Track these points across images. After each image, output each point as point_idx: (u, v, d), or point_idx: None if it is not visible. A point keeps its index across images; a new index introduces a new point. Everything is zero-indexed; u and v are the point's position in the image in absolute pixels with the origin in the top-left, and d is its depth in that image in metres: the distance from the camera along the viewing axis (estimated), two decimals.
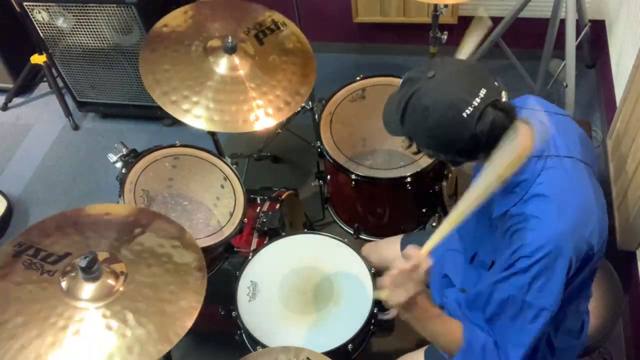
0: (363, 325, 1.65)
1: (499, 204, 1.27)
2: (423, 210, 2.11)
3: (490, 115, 1.14)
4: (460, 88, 1.15)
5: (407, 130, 1.25)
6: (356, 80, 2.15)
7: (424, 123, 1.18)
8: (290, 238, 1.89)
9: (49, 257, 1.39)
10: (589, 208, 1.21)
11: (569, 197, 1.19)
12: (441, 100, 1.16)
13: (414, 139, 1.26)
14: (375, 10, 3.10)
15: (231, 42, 1.87)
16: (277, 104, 1.88)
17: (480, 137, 1.15)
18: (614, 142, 2.32)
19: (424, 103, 1.17)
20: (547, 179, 1.20)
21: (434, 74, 1.17)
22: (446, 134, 1.17)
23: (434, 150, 1.24)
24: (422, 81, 1.18)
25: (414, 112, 1.19)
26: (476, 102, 1.13)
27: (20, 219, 2.82)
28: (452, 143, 1.19)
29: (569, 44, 2.45)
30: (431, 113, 1.16)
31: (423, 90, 1.18)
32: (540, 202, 1.18)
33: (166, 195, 1.95)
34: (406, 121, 1.22)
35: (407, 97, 1.19)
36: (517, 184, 1.22)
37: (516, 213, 1.22)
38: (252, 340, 1.66)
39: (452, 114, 1.14)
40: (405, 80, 1.23)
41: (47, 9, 2.64)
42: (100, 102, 3.08)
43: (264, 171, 2.80)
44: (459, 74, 1.18)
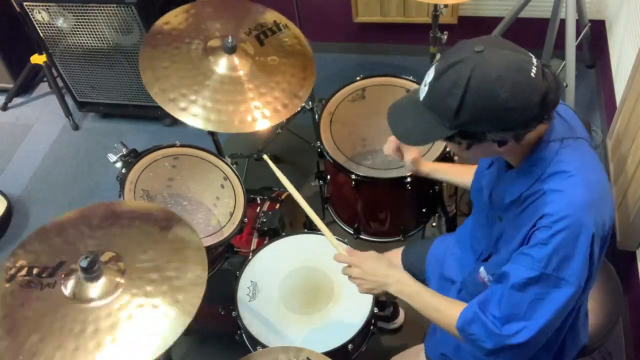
0: (363, 325, 1.65)
1: (512, 189, 1.24)
2: (423, 210, 2.11)
3: (548, 71, 1.09)
4: (515, 51, 1.08)
5: (468, 118, 1.08)
6: (356, 80, 2.15)
7: (498, 96, 1.04)
8: (290, 238, 1.89)
9: (44, 271, 1.38)
10: (605, 187, 1.19)
11: (588, 173, 1.16)
12: (509, 66, 1.05)
13: (474, 126, 1.10)
14: (375, 10, 3.10)
15: (231, 42, 1.87)
16: (274, 105, 1.87)
17: (549, 96, 1.07)
18: (614, 142, 2.32)
19: (492, 74, 1.04)
20: (566, 156, 1.17)
21: (482, 48, 1.07)
22: (522, 101, 1.05)
23: (503, 128, 1.09)
24: (473, 58, 1.06)
25: (481, 89, 1.05)
26: (534, 61, 1.08)
27: (20, 219, 2.82)
28: (526, 111, 1.07)
29: (569, 44, 2.45)
30: (505, 81, 1.04)
31: (483, 64, 1.05)
32: (560, 177, 1.15)
33: (166, 195, 1.95)
34: (467, 107, 1.06)
35: (465, 79, 1.05)
36: (534, 163, 1.18)
37: (533, 191, 1.18)
38: (252, 340, 1.66)
39: (524, 77, 1.05)
40: (446, 68, 1.08)
41: (47, 9, 2.64)
42: (100, 102, 3.08)
43: (264, 171, 2.79)
44: (501, 43, 1.11)
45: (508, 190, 1.26)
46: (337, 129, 2.07)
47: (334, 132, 2.06)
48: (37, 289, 1.35)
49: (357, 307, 1.70)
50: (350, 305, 1.71)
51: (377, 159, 1.97)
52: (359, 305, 1.70)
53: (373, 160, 1.97)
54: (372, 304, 1.69)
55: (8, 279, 1.36)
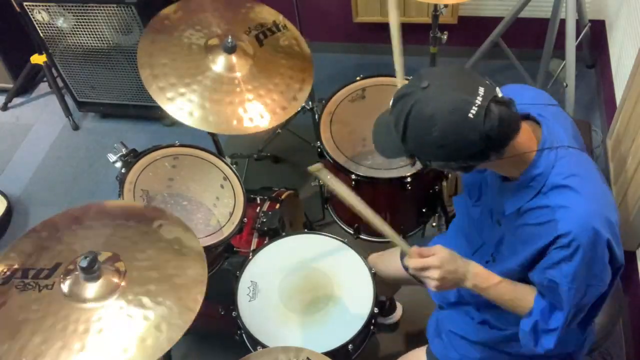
0: (363, 325, 1.64)
1: (511, 202, 1.27)
2: (423, 210, 2.11)
3: (495, 110, 1.10)
4: (459, 90, 1.12)
5: (411, 147, 1.18)
6: (356, 80, 2.15)
7: (430, 134, 1.12)
8: (290, 238, 1.89)
9: (40, 272, 1.37)
10: (605, 192, 1.22)
11: (589, 184, 1.20)
12: (444, 106, 1.10)
13: (420, 155, 1.20)
14: (375, 10, 3.10)
15: (231, 42, 1.87)
16: (273, 107, 1.87)
17: (490, 135, 1.10)
18: (614, 142, 2.32)
19: (426, 113, 1.11)
20: (563, 168, 1.19)
21: (427, 83, 1.13)
22: (456, 139, 1.11)
23: (443, 160, 1.18)
24: (417, 94, 1.13)
25: (416, 125, 1.13)
26: (478, 101, 1.10)
27: (20, 219, 2.82)
28: (463, 148, 1.13)
29: (569, 44, 2.45)
30: (437, 121, 1.10)
31: (422, 101, 1.12)
32: (563, 192, 1.18)
33: (166, 195, 1.95)
34: (409, 138, 1.16)
35: (406, 113, 1.13)
36: (532, 178, 1.21)
37: (537, 206, 1.21)
38: (252, 340, 1.66)
39: (458, 117, 1.10)
40: (398, 98, 1.17)
41: (47, 9, 2.64)
42: (100, 102, 3.08)
43: (264, 171, 2.80)
44: (452, 78, 1.15)
45: (506, 202, 1.29)
46: (337, 129, 2.07)
47: (334, 132, 2.06)
48: (35, 290, 1.34)
49: (357, 307, 1.69)
50: (350, 305, 1.71)
51: (377, 159, 1.97)
52: (359, 305, 1.70)
53: (373, 160, 1.97)
54: (372, 304, 1.69)
55: (2, 282, 1.35)
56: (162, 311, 1.31)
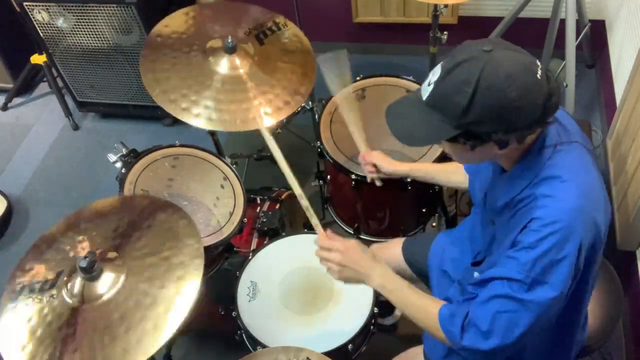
0: (363, 325, 1.64)
1: (504, 193, 1.24)
2: (423, 210, 2.11)
3: (550, 75, 1.10)
4: (522, 53, 1.10)
5: (475, 117, 1.07)
6: (356, 80, 2.15)
7: (507, 95, 1.05)
8: (290, 238, 1.89)
9: (45, 284, 1.39)
10: (598, 191, 1.19)
11: (581, 178, 1.16)
12: (517, 66, 1.06)
13: (481, 126, 1.09)
14: (375, 10, 3.10)
15: (231, 42, 1.87)
16: (276, 103, 1.88)
17: (552, 97, 1.09)
18: (614, 142, 2.32)
19: (502, 72, 1.05)
20: (558, 161, 1.17)
21: (491, 47, 1.07)
22: (529, 101, 1.06)
23: (507, 128, 1.09)
24: (483, 57, 1.07)
25: (490, 88, 1.05)
26: (539, 63, 1.09)
27: (20, 219, 2.82)
28: (531, 111, 1.07)
29: (569, 44, 2.45)
30: (514, 81, 1.05)
31: (493, 62, 1.06)
32: (552, 182, 1.15)
33: (166, 195, 1.95)
34: (478, 104, 1.06)
35: (475, 77, 1.05)
36: (527, 167, 1.19)
37: (525, 196, 1.18)
38: (252, 340, 1.66)
39: (531, 77, 1.06)
40: (453, 67, 1.08)
41: (47, 9, 2.64)
42: (100, 102, 3.08)
43: (264, 171, 2.80)
44: (507, 44, 1.12)
45: (501, 194, 1.26)
46: (337, 129, 2.07)
47: (334, 132, 2.06)
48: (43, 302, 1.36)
49: (357, 307, 1.70)
50: (350, 305, 1.71)
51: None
52: (359, 305, 1.70)
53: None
54: (372, 304, 1.69)
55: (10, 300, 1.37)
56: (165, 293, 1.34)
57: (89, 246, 1.45)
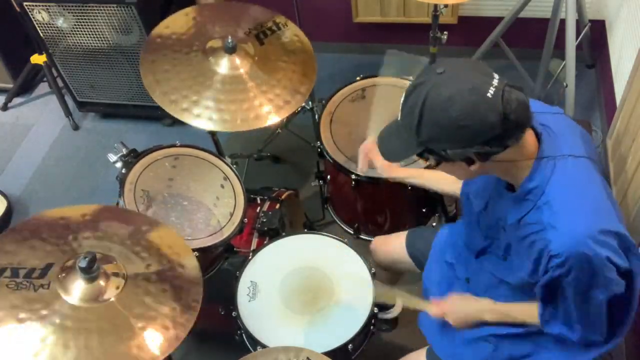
0: (363, 325, 1.65)
1: (512, 212, 1.29)
2: (423, 210, 2.11)
3: (512, 93, 1.10)
4: (475, 73, 1.12)
5: (427, 135, 1.14)
6: (356, 80, 2.15)
7: (449, 115, 1.09)
8: (290, 238, 1.89)
9: (32, 272, 1.36)
10: (602, 202, 1.22)
11: (581, 200, 1.20)
12: (462, 86, 1.10)
13: (435, 144, 1.16)
14: (375, 10, 3.10)
15: (231, 42, 1.87)
16: (277, 102, 1.88)
17: (509, 117, 1.09)
18: (614, 142, 2.32)
19: (444, 95, 1.10)
20: (557, 183, 1.21)
21: (443, 69, 1.12)
22: (475, 120, 1.09)
23: (461, 147, 1.14)
24: (432, 80, 1.12)
25: (434, 108, 1.11)
26: (495, 82, 1.10)
27: (20, 219, 2.81)
28: (482, 130, 1.10)
29: (569, 44, 2.45)
30: (456, 101, 1.09)
31: (439, 84, 1.11)
32: (553, 210, 1.20)
33: (166, 195, 1.95)
34: (425, 125, 1.13)
35: (422, 98, 1.12)
36: (529, 191, 1.23)
37: (532, 221, 1.24)
38: (252, 340, 1.66)
39: (477, 97, 1.09)
40: (411, 90, 1.16)
41: (47, 9, 2.64)
42: (100, 102, 3.08)
43: (264, 171, 2.80)
44: (466, 64, 1.15)
45: (507, 213, 1.31)
46: (337, 129, 2.07)
47: (334, 132, 2.06)
48: (30, 290, 1.34)
49: (357, 307, 1.69)
50: (350, 305, 1.71)
51: None
52: (359, 305, 1.70)
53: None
54: (372, 304, 1.69)
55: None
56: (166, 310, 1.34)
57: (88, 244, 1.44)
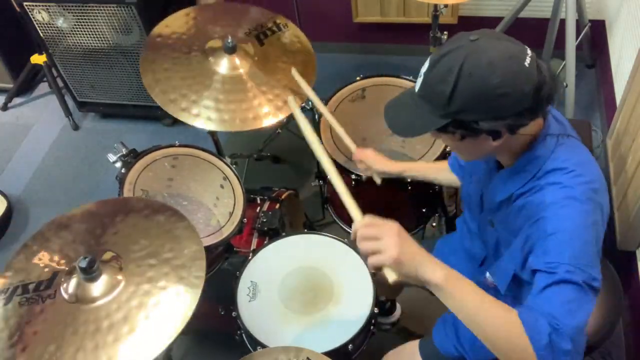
0: (363, 325, 1.64)
1: (503, 187, 1.24)
2: (423, 210, 2.10)
3: (544, 65, 1.09)
4: (510, 41, 1.09)
5: (461, 104, 1.07)
6: (356, 80, 2.15)
7: (489, 82, 1.04)
8: (290, 238, 1.89)
9: (40, 285, 1.37)
10: (603, 182, 1.19)
11: (586, 168, 1.16)
12: (502, 54, 1.06)
13: (467, 115, 1.09)
14: (375, 10, 3.10)
15: (231, 42, 1.87)
16: (276, 103, 1.88)
17: (543, 88, 1.07)
18: (614, 142, 2.32)
19: (484, 60, 1.05)
20: (563, 154, 1.17)
21: (477, 37, 1.08)
22: (514, 88, 1.05)
23: (493, 117, 1.08)
24: (467, 46, 1.07)
25: (472, 75, 1.05)
26: (529, 52, 1.08)
27: (20, 219, 2.82)
28: (519, 99, 1.06)
29: (569, 44, 2.45)
30: (496, 67, 1.04)
31: (476, 51, 1.06)
32: (557, 173, 1.14)
33: (166, 195, 1.95)
34: (460, 93, 1.06)
35: (458, 65, 1.05)
36: (529, 161, 1.18)
37: (528, 189, 1.17)
38: (252, 340, 1.66)
39: (516, 65, 1.06)
40: (442, 55, 1.09)
41: (47, 9, 2.64)
42: (100, 102, 3.08)
43: (264, 171, 2.80)
44: (496, 34, 1.12)
45: (499, 190, 1.25)
46: None
47: (334, 132, 2.06)
48: (39, 303, 1.34)
49: (357, 307, 1.69)
50: (350, 305, 1.71)
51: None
52: (359, 305, 1.70)
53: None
54: (372, 304, 1.69)
55: (5, 301, 1.35)
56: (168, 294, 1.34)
57: (84, 249, 1.44)
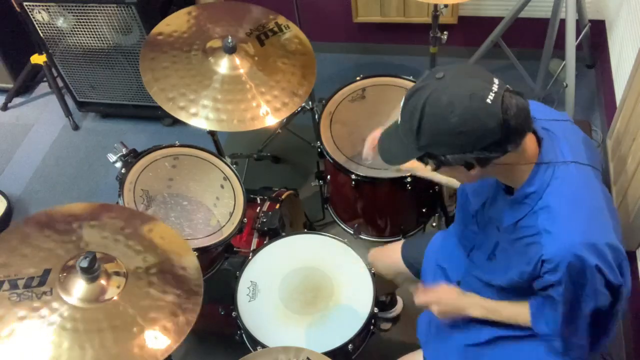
0: (363, 325, 1.64)
1: (508, 215, 1.30)
2: (423, 210, 2.11)
3: (512, 98, 1.10)
4: (475, 78, 1.11)
5: (426, 140, 1.14)
6: (356, 80, 2.15)
7: (449, 121, 1.09)
8: (290, 238, 1.89)
9: (31, 281, 1.34)
10: (600, 212, 1.22)
11: (578, 207, 1.20)
12: (462, 92, 1.09)
13: (435, 149, 1.16)
14: (375, 10, 3.10)
15: (231, 42, 1.87)
16: (274, 104, 1.88)
17: (510, 122, 1.09)
18: (614, 142, 2.32)
19: (444, 100, 1.09)
20: (556, 189, 1.21)
21: (442, 74, 1.12)
22: (474, 125, 1.09)
23: (460, 152, 1.13)
24: (432, 85, 1.12)
25: (433, 114, 1.11)
26: (495, 88, 1.10)
27: (20, 219, 2.81)
28: (481, 136, 1.10)
29: (569, 44, 2.45)
30: (455, 107, 1.08)
31: (439, 89, 1.11)
32: (550, 215, 1.20)
33: (166, 195, 1.95)
34: (424, 130, 1.13)
35: (422, 103, 1.11)
36: (527, 195, 1.24)
37: (527, 225, 1.25)
38: (252, 340, 1.66)
39: (477, 102, 1.08)
40: (411, 94, 1.15)
41: (47, 9, 2.64)
42: (100, 102, 3.08)
43: (264, 171, 2.80)
44: (466, 69, 1.14)
45: (504, 216, 1.31)
46: (337, 129, 2.07)
47: (334, 132, 2.06)
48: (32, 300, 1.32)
49: (357, 307, 1.70)
50: (350, 305, 1.71)
51: (377, 158, 1.97)
52: (359, 305, 1.70)
53: (373, 160, 1.97)
54: (372, 304, 1.69)
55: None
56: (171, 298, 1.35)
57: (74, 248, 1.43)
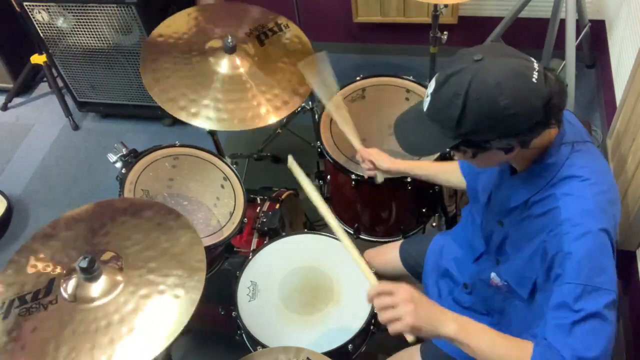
0: (363, 325, 1.64)
1: (518, 193, 1.23)
2: (423, 210, 2.11)
3: (552, 76, 1.08)
4: (515, 57, 1.08)
5: (470, 127, 1.08)
6: (356, 80, 2.15)
7: (498, 103, 1.04)
8: (290, 238, 1.89)
9: (38, 294, 1.35)
10: (616, 191, 1.19)
11: (601, 177, 1.16)
12: (508, 73, 1.05)
13: (477, 136, 1.09)
14: (375, 10, 3.10)
15: (231, 42, 1.87)
16: (274, 103, 1.88)
17: (552, 100, 1.06)
18: (614, 142, 2.32)
19: (490, 82, 1.04)
20: (578, 160, 1.16)
21: (481, 56, 1.06)
22: (525, 106, 1.04)
23: (505, 136, 1.08)
24: (472, 68, 1.06)
25: (480, 97, 1.04)
26: (536, 66, 1.07)
27: (20, 219, 2.82)
28: (530, 115, 1.06)
29: (569, 44, 2.45)
30: (504, 88, 1.03)
31: (481, 72, 1.05)
32: (572, 182, 1.15)
33: (166, 195, 1.95)
34: (469, 116, 1.06)
35: (464, 88, 1.05)
36: (545, 167, 1.18)
37: (544, 197, 1.17)
38: (252, 340, 1.66)
39: (524, 82, 1.05)
40: (447, 77, 1.08)
41: (47, 9, 2.64)
42: (100, 102, 3.08)
43: (264, 171, 2.80)
44: (502, 49, 1.10)
45: (513, 195, 1.25)
46: (337, 129, 2.06)
47: (334, 132, 2.06)
48: (40, 311, 1.33)
49: (357, 307, 1.69)
50: (350, 305, 1.71)
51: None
52: (359, 305, 1.70)
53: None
54: (372, 304, 1.69)
55: (3, 316, 1.33)
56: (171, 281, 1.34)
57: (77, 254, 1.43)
